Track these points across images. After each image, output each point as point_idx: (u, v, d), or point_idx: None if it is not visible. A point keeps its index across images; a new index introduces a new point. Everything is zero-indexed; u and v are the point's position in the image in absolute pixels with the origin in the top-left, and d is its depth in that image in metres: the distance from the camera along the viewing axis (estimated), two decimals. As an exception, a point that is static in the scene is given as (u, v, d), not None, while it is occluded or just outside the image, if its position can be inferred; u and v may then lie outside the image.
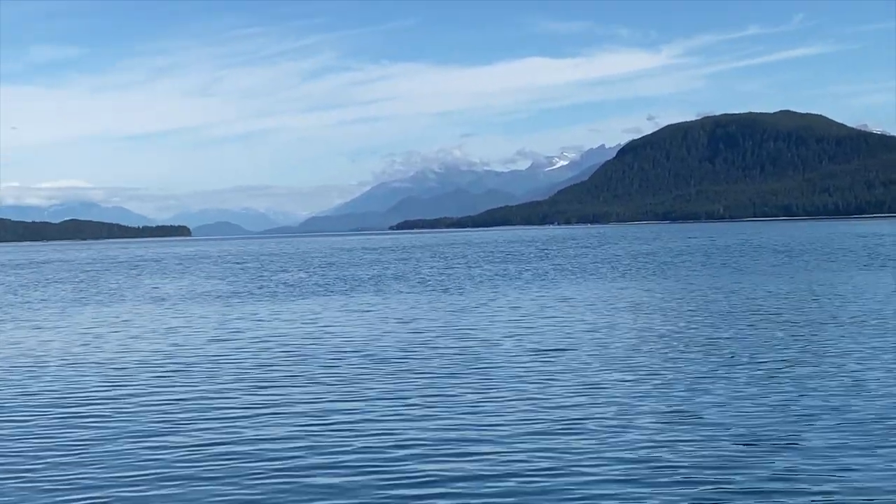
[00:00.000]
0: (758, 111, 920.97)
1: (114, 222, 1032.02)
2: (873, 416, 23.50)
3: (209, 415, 26.33)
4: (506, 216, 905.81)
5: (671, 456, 20.46)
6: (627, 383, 29.09)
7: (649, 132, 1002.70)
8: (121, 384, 32.15)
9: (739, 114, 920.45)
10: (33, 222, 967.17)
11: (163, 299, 72.78)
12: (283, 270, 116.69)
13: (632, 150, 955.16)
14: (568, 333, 41.92)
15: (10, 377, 34.55)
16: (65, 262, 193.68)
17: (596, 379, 29.96)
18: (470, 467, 20.15)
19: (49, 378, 33.99)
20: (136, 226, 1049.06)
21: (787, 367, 31.02)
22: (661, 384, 28.69)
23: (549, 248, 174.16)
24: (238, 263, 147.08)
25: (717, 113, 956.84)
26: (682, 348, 36.21)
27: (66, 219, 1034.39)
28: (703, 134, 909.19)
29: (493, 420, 24.47)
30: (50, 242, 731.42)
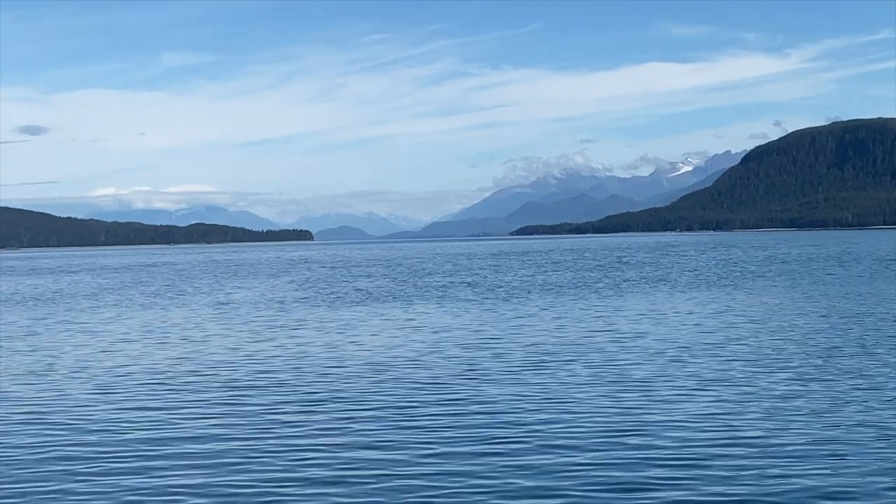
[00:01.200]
0: (889, 116, 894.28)
1: (238, 226, 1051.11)
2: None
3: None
4: (626, 222, 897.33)
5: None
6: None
7: (776, 138, 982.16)
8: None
9: (869, 119, 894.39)
10: (161, 226, 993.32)
11: (223, 304, 72.78)
12: (365, 276, 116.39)
13: (757, 156, 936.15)
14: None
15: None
16: (165, 265, 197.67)
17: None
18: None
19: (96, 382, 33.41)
20: (259, 230, 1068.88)
21: None
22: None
23: (666, 253, 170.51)
24: (331, 268, 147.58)
25: (847, 118, 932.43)
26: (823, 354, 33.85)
27: (193, 222, 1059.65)
28: (831, 139, 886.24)
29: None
30: (177, 246, 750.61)
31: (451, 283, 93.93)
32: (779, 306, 57.74)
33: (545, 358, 36.81)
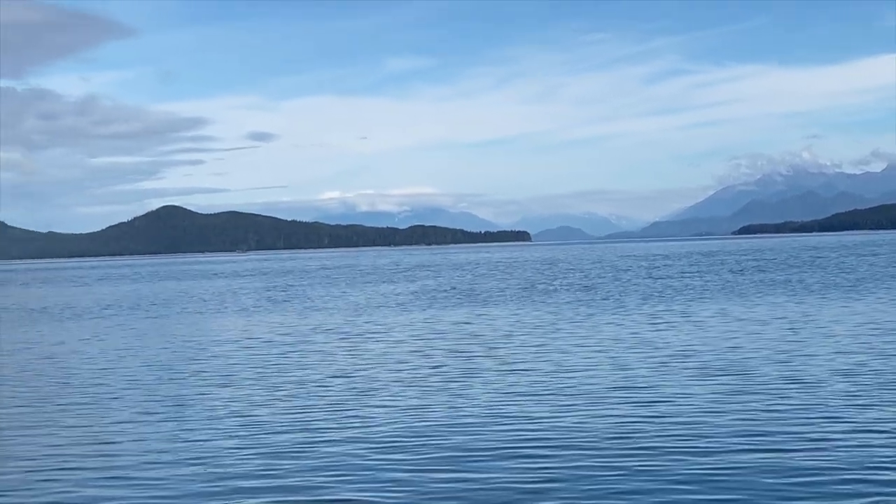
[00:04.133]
0: None
1: (458, 228, 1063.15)
2: None
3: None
4: (854, 220, 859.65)
5: None
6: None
7: None
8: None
9: None
10: (383, 228, 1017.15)
11: (357, 305, 75.58)
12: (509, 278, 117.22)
13: None
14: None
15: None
16: (347, 267, 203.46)
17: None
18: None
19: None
20: (478, 231, 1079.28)
21: None
22: None
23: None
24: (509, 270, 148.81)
25: None
26: None
27: (415, 224, 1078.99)
28: None
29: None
30: (397, 248, 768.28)
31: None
32: None
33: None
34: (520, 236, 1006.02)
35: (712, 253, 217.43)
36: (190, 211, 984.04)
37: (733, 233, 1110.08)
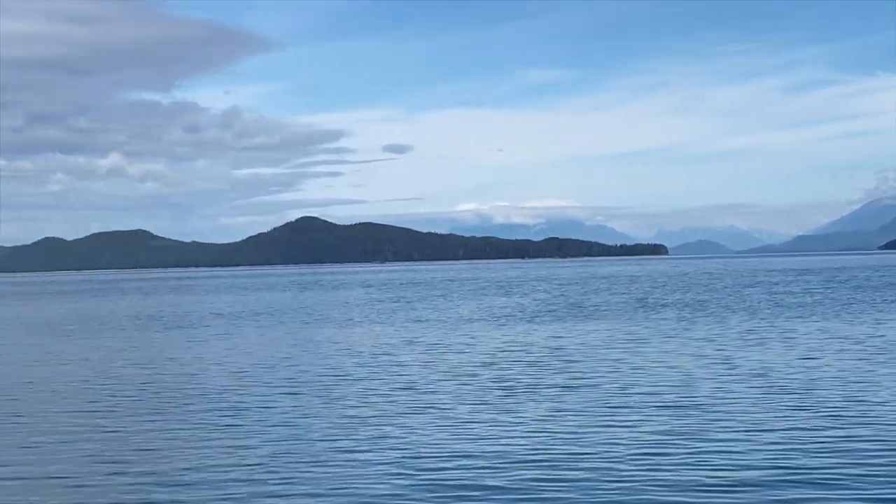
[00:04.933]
0: None
1: (594, 241, 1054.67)
2: None
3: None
4: None
5: None
6: None
7: None
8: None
9: None
10: (518, 240, 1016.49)
11: (461, 318, 76.03)
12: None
13: None
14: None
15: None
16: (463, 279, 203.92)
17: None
18: None
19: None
20: (614, 244, 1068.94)
21: None
22: None
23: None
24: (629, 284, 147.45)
25: None
26: None
27: (550, 237, 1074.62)
28: None
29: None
30: (531, 260, 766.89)
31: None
32: None
33: None
34: (656, 250, 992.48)
35: (847, 268, 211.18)
36: (328, 222, 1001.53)
37: (880, 247, 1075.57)
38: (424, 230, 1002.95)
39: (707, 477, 21.55)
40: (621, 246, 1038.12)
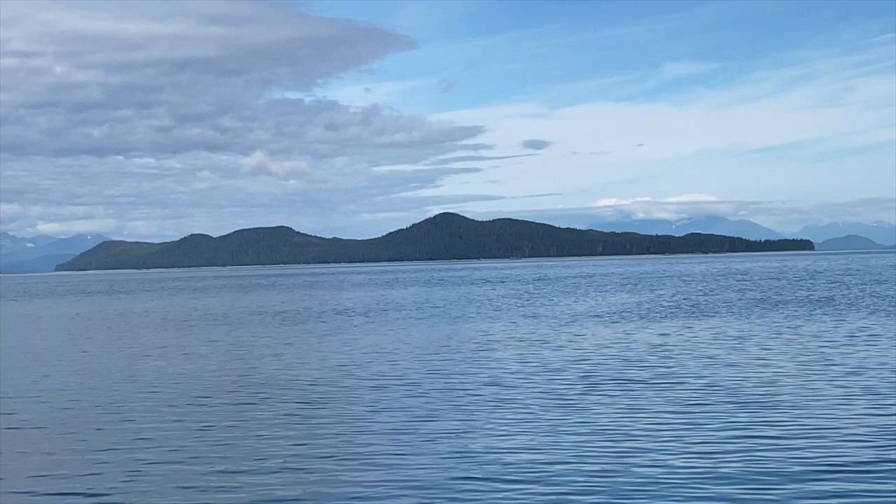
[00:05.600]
0: None
1: (737, 236, 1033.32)
2: None
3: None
4: None
5: None
6: None
7: None
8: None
9: None
10: (658, 236, 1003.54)
11: (560, 317, 75.55)
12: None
13: None
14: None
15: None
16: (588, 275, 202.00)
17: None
18: None
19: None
20: (758, 239, 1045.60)
21: None
22: None
23: None
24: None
25: None
26: None
27: (692, 232, 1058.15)
28: None
29: None
30: (672, 256, 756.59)
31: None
32: None
33: None
34: (802, 245, 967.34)
35: None
36: (466, 218, 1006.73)
37: None
38: (563, 226, 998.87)
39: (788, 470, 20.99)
40: (765, 241, 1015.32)
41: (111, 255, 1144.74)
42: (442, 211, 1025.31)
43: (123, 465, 23.89)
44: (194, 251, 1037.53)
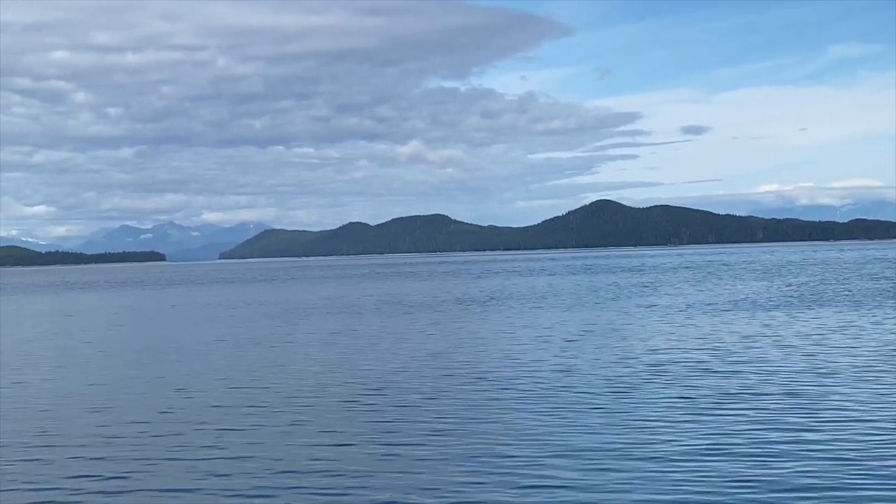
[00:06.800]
0: None
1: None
2: None
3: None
4: None
5: None
6: None
7: None
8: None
9: None
10: (821, 222, 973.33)
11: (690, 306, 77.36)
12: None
13: None
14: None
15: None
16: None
17: None
18: None
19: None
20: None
21: None
22: None
23: None
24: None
25: None
26: None
27: (857, 218, 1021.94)
28: None
29: None
30: (835, 242, 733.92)
31: None
32: None
33: None
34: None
35: None
36: (622, 205, 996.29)
37: None
38: (722, 212, 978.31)
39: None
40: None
41: (272, 244, 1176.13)
42: (598, 198, 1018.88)
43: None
44: (352, 239, 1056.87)
